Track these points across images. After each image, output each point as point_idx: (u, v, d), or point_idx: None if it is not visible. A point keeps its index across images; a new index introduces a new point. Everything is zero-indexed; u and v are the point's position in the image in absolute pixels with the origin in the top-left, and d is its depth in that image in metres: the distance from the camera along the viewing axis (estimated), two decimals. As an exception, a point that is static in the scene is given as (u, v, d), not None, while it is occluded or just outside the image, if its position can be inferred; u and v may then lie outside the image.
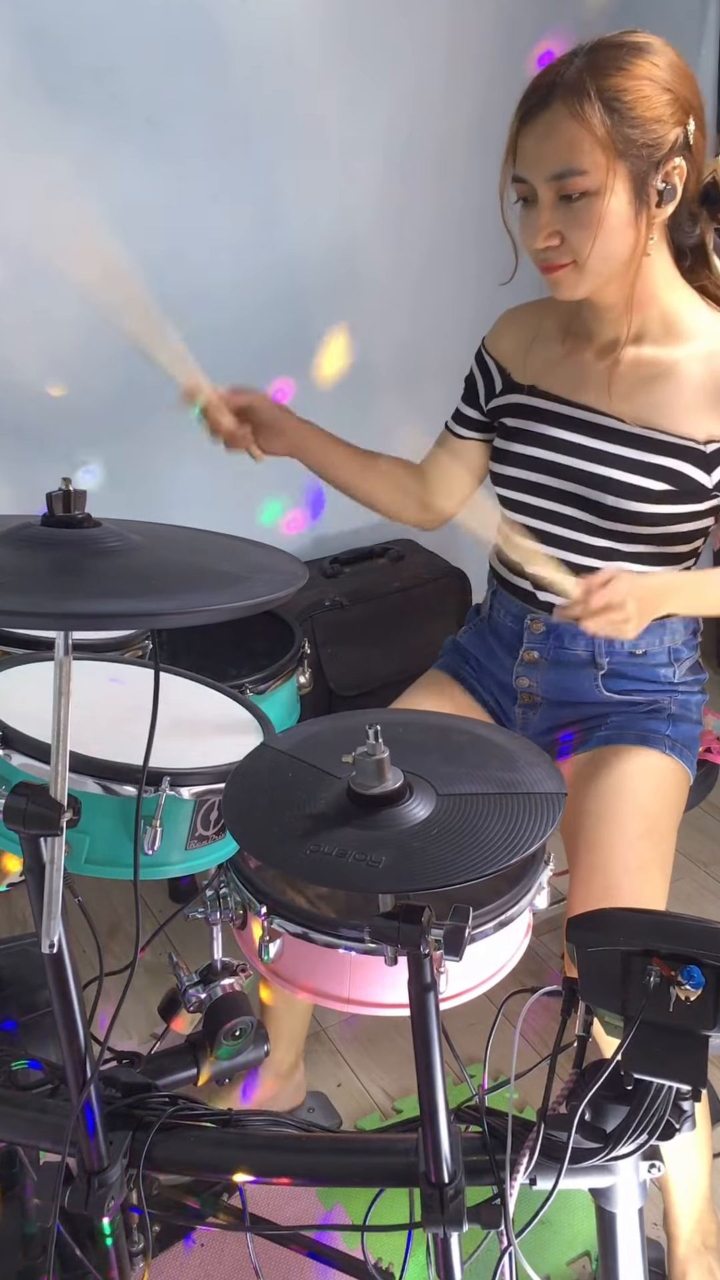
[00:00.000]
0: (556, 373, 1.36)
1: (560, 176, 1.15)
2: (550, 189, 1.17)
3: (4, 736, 1.00)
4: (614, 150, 1.14)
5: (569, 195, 1.16)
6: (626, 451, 1.28)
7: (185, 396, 1.32)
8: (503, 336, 1.44)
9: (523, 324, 1.43)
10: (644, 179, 1.16)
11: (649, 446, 1.27)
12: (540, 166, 1.16)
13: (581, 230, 1.17)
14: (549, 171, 1.16)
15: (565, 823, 1.33)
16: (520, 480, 1.37)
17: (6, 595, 0.72)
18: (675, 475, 1.27)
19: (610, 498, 1.29)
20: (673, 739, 1.37)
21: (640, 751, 1.34)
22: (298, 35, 2.00)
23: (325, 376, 2.15)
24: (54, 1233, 0.93)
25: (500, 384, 1.42)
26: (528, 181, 1.18)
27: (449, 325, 2.31)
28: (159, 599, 0.75)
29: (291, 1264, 1.40)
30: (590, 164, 1.14)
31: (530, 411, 1.37)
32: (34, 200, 1.88)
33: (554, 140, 1.15)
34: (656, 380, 1.28)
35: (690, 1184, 1.31)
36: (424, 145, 2.22)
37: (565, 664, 1.39)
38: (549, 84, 1.15)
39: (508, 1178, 0.87)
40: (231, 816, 0.86)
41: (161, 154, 1.96)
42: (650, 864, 1.26)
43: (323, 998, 1.09)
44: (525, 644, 1.42)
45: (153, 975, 1.86)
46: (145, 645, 1.44)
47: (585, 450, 1.31)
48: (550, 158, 1.15)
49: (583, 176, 1.14)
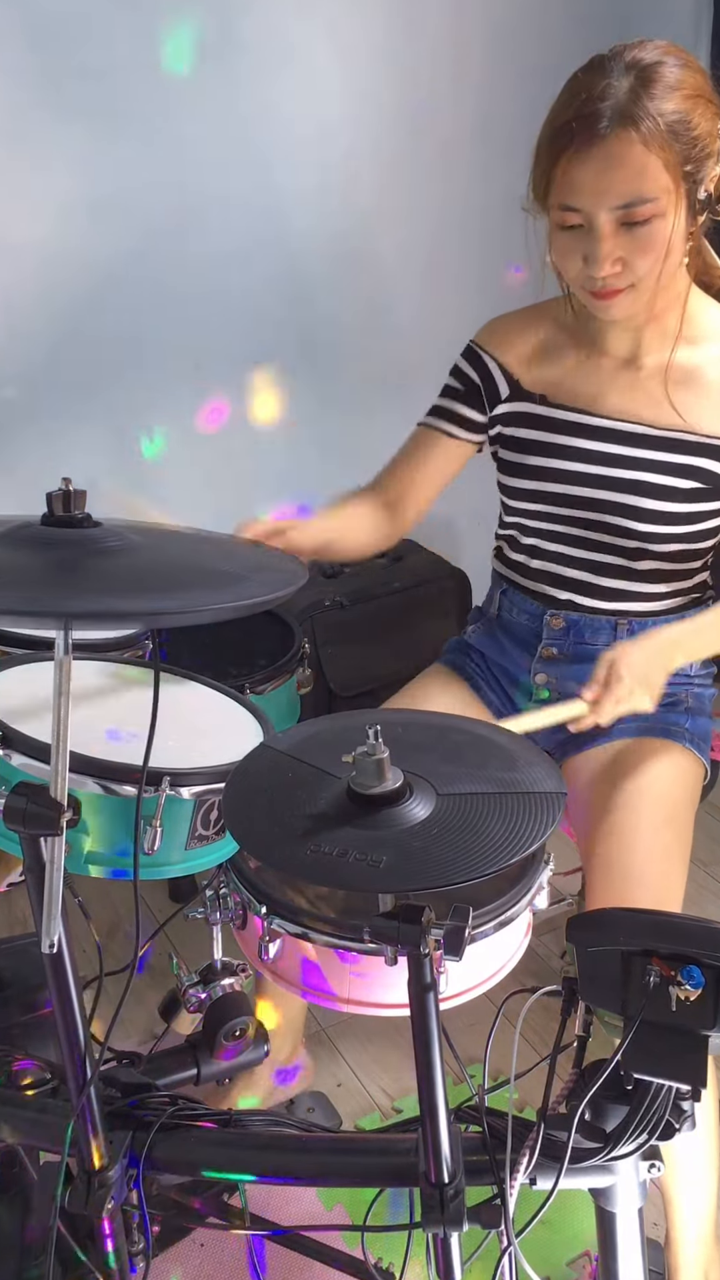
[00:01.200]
0: (575, 384, 1.35)
1: (628, 205, 1.12)
2: (613, 218, 1.13)
3: (4, 736, 1.00)
4: (679, 173, 1.12)
5: (633, 222, 1.13)
6: (652, 454, 1.30)
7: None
8: (499, 340, 1.41)
9: (518, 329, 1.40)
10: (696, 193, 1.16)
11: (675, 447, 1.29)
12: (603, 197, 1.12)
13: (646, 255, 1.15)
14: (615, 201, 1.12)
15: (582, 814, 1.34)
16: (542, 493, 1.36)
17: (6, 594, 0.72)
18: (703, 473, 1.28)
19: (639, 499, 1.30)
20: (691, 732, 1.38)
21: (660, 744, 1.35)
22: (298, 35, 2.00)
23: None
24: (54, 1233, 0.93)
25: (506, 389, 1.39)
26: (583, 210, 1.14)
27: (450, 324, 2.32)
28: (159, 598, 0.75)
29: (291, 1264, 1.40)
30: (660, 190, 1.12)
31: (544, 422, 1.36)
32: (34, 200, 1.88)
33: (622, 170, 1.11)
34: (682, 384, 1.29)
35: (691, 1186, 1.31)
36: (426, 144, 2.21)
37: (586, 658, 1.39)
38: (596, 112, 1.10)
39: (508, 1178, 0.87)
40: (231, 816, 0.86)
41: (161, 154, 1.96)
42: (673, 853, 1.26)
43: (323, 998, 1.09)
44: (545, 640, 1.43)
45: (153, 975, 1.86)
46: (145, 645, 1.44)
47: (611, 457, 1.31)
48: (618, 187, 1.11)
49: (651, 204, 1.12)
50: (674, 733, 1.37)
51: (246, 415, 2.24)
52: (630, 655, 1.22)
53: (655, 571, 1.35)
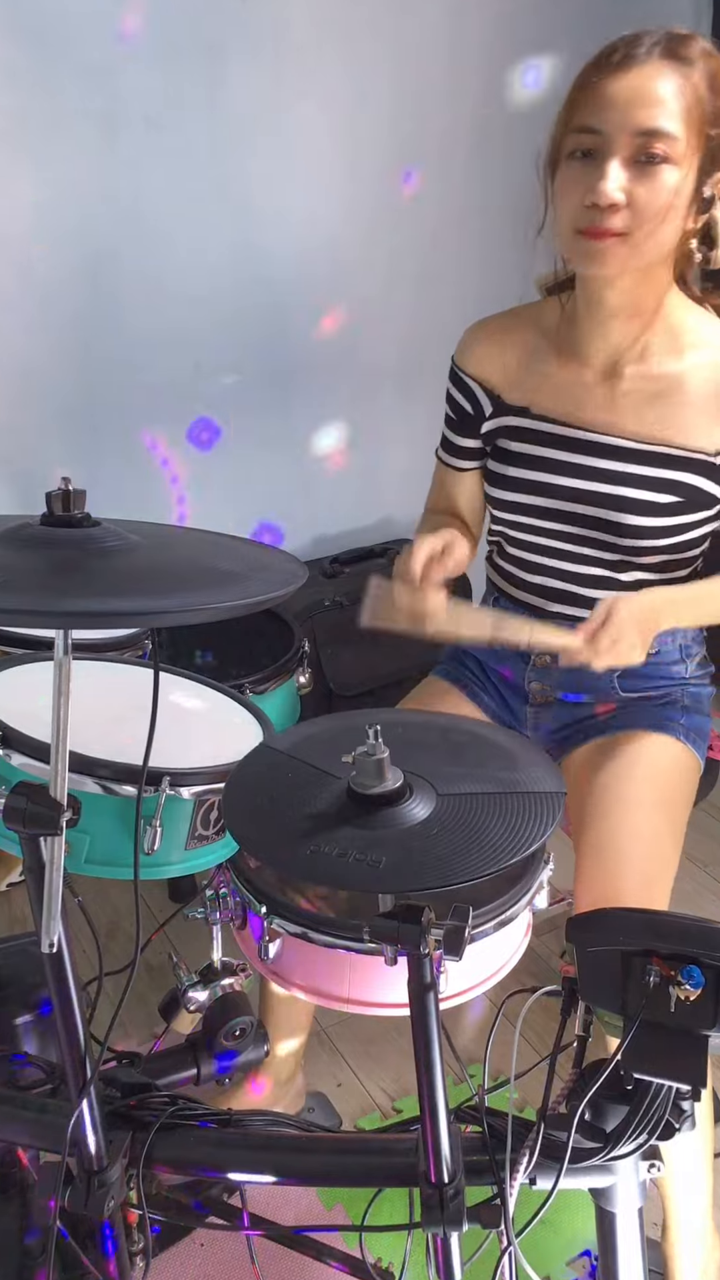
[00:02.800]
0: (554, 395, 1.32)
1: (648, 134, 1.08)
2: (630, 144, 1.09)
3: (4, 736, 1.00)
4: (702, 131, 1.09)
5: (651, 155, 1.09)
6: (634, 469, 1.28)
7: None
8: (480, 355, 1.38)
9: (500, 337, 1.37)
10: (705, 176, 1.13)
11: (658, 461, 1.27)
12: (628, 116, 1.08)
13: (651, 197, 1.10)
14: (637, 125, 1.08)
15: (576, 806, 1.33)
16: (523, 505, 1.35)
17: (6, 595, 0.72)
18: (684, 488, 1.26)
19: (620, 515, 1.28)
20: (686, 727, 1.38)
21: (655, 735, 1.35)
22: (298, 34, 2.00)
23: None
24: (54, 1233, 0.93)
25: (490, 407, 1.38)
26: (601, 132, 1.10)
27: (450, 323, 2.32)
28: (159, 598, 0.75)
29: (291, 1264, 1.40)
30: (681, 129, 1.08)
31: (528, 434, 1.34)
32: (35, 199, 1.88)
33: (652, 91, 1.07)
34: (663, 395, 1.26)
35: (690, 1186, 1.31)
36: (425, 143, 2.21)
37: (580, 667, 1.39)
38: (643, 39, 1.09)
39: (508, 1178, 0.87)
40: (231, 816, 0.86)
41: (161, 154, 1.96)
42: (663, 835, 1.25)
43: (323, 998, 1.09)
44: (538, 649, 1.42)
45: (153, 975, 1.86)
46: (145, 645, 1.44)
47: (591, 471, 1.30)
48: (643, 109, 1.07)
49: (670, 141, 1.08)
50: (670, 728, 1.36)
51: (247, 415, 2.24)
52: (628, 603, 1.20)
53: (641, 582, 1.34)
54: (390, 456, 2.41)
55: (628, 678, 1.39)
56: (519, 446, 1.35)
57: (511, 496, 1.36)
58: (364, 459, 2.41)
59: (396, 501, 2.47)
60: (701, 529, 1.31)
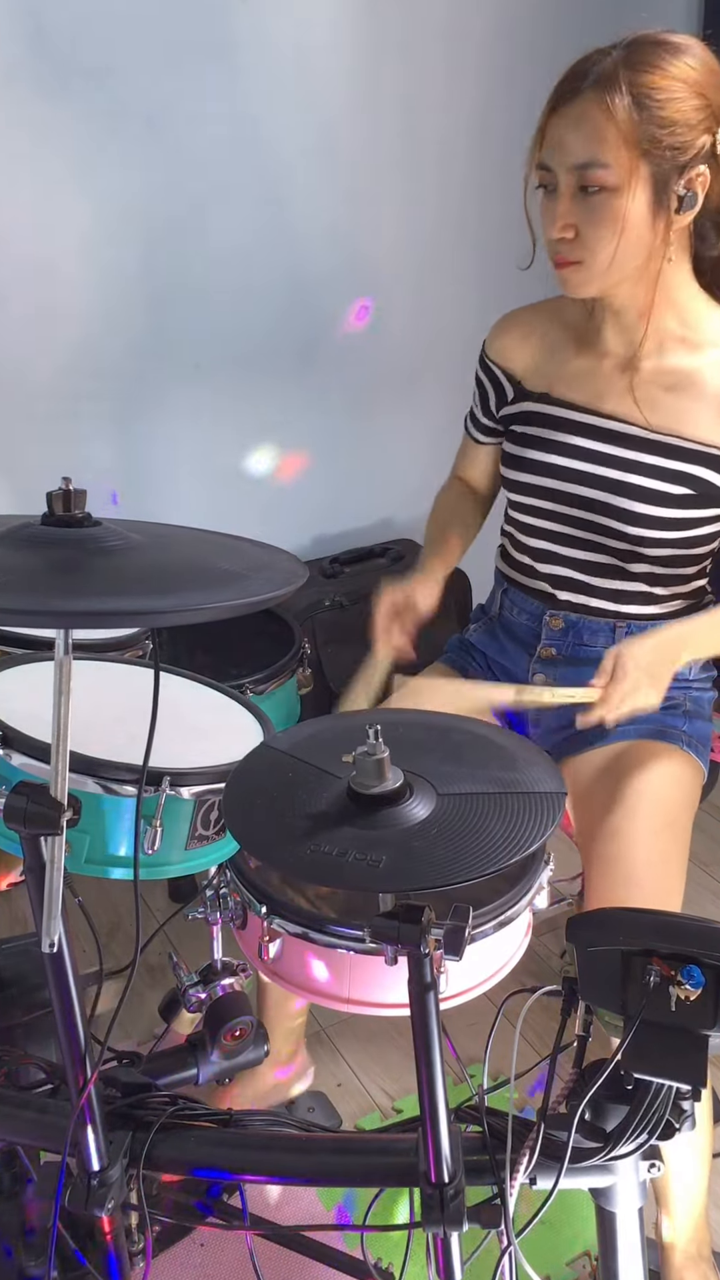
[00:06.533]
0: (575, 382, 1.36)
1: (583, 167, 1.15)
2: (571, 178, 1.16)
3: (4, 736, 1.00)
4: (637, 149, 1.13)
5: (588, 187, 1.15)
6: (646, 458, 1.29)
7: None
8: (506, 344, 1.43)
9: (526, 328, 1.42)
10: (666, 183, 1.15)
11: (669, 452, 1.28)
12: (564, 154, 1.16)
13: (596, 227, 1.17)
14: (572, 160, 1.15)
15: (582, 817, 1.34)
16: (538, 487, 1.37)
17: (6, 595, 0.72)
18: (694, 480, 1.28)
19: (630, 502, 1.29)
20: (689, 735, 1.38)
21: (659, 747, 1.35)
22: (297, 33, 2.00)
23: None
24: (54, 1233, 0.93)
25: (512, 393, 1.42)
26: (552, 170, 1.18)
27: (450, 323, 2.32)
28: (159, 598, 0.75)
29: (291, 1264, 1.40)
30: (613, 158, 1.13)
31: (547, 419, 1.37)
32: (34, 199, 1.88)
33: (581, 130, 1.14)
34: (678, 388, 1.28)
35: (688, 1188, 1.31)
36: (425, 143, 2.21)
37: (584, 660, 1.39)
38: (583, 73, 1.14)
39: (508, 1177, 0.87)
40: (231, 816, 0.86)
41: (161, 154, 1.96)
42: (671, 857, 1.26)
43: (323, 998, 1.09)
44: (543, 640, 1.43)
45: (153, 975, 1.86)
46: (146, 645, 1.44)
47: (605, 457, 1.32)
48: (575, 147, 1.15)
49: (604, 170, 1.14)
50: (673, 736, 1.37)
51: (247, 415, 2.24)
52: (635, 650, 1.22)
53: (649, 575, 1.35)
54: (390, 456, 2.41)
55: None
56: (536, 430, 1.38)
57: (526, 478, 1.38)
58: (364, 459, 2.41)
59: (397, 501, 2.47)
60: (710, 526, 1.31)
